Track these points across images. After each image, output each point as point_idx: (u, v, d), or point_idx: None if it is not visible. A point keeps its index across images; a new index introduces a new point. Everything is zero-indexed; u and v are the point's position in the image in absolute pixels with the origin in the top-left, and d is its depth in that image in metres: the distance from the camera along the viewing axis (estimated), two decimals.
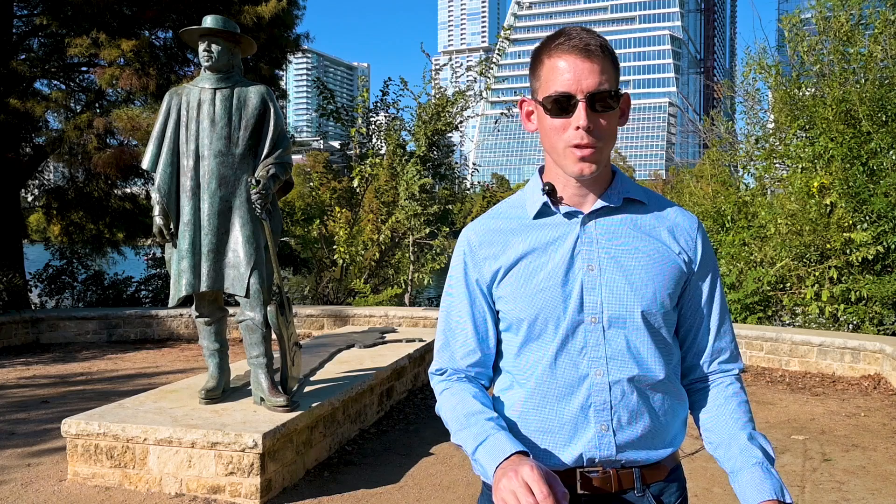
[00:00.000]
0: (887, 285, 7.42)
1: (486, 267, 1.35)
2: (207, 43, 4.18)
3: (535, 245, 1.32)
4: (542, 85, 1.29)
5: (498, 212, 1.42)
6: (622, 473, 1.30)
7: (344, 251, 10.78)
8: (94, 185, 11.39)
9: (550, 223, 1.34)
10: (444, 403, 1.37)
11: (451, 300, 1.42)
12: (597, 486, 1.29)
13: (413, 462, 4.41)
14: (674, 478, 1.37)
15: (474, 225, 1.41)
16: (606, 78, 1.25)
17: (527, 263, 1.31)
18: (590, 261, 1.30)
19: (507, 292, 1.32)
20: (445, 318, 1.42)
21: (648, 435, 1.31)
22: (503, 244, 1.34)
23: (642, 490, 1.31)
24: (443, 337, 1.43)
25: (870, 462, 4.44)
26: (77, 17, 9.62)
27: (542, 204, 1.34)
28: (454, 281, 1.41)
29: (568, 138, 1.26)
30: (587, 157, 1.26)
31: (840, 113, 8.39)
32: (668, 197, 13.25)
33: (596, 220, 1.33)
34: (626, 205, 1.35)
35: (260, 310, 4.15)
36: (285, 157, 4.23)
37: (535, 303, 1.29)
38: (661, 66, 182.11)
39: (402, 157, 11.44)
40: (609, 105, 1.26)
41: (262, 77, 10.19)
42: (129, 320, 8.98)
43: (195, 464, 3.77)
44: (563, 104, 1.25)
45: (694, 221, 1.40)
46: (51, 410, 5.56)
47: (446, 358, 1.41)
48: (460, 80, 12.10)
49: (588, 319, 1.28)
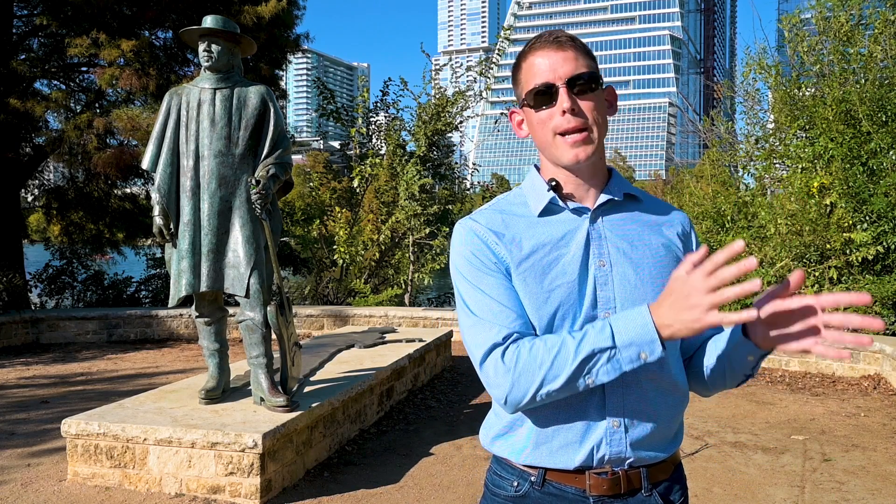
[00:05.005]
0: (887, 285, 7.42)
1: (503, 251, 1.29)
2: (207, 43, 4.18)
3: (545, 241, 1.30)
4: (523, 86, 1.31)
5: (499, 206, 1.37)
6: (631, 474, 1.29)
7: (344, 251, 10.79)
8: (94, 185, 11.40)
9: (558, 220, 1.32)
10: (532, 357, 1.19)
11: (472, 281, 1.28)
12: (607, 488, 1.28)
13: (413, 462, 4.41)
14: (677, 476, 1.38)
15: (477, 215, 1.35)
16: (583, 63, 1.27)
17: (539, 259, 1.29)
18: (601, 256, 1.30)
19: (522, 287, 1.28)
20: (477, 298, 1.27)
21: (657, 432, 1.30)
22: (512, 235, 1.30)
23: (650, 490, 1.31)
24: (479, 316, 1.26)
25: (870, 462, 4.44)
26: (77, 17, 9.62)
27: (549, 200, 1.32)
28: (470, 267, 1.29)
29: (555, 125, 1.27)
30: (579, 141, 1.26)
31: (840, 113, 8.38)
32: (668, 197, 13.25)
33: (602, 216, 1.33)
34: (626, 200, 1.36)
35: (260, 310, 4.15)
36: (285, 158, 4.23)
37: (552, 300, 1.27)
38: (661, 66, 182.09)
39: (402, 157, 11.45)
40: (590, 87, 1.27)
41: (262, 77, 10.19)
42: (129, 320, 8.98)
43: (195, 464, 3.77)
44: (544, 94, 1.27)
45: (686, 217, 1.43)
46: (51, 410, 5.56)
47: (498, 330, 1.23)
48: (460, 80, 12.12)
49: (602, 314, 1.27)
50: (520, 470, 1.33)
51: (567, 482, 1.29)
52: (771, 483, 4.08)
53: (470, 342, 1.27)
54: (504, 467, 1.36)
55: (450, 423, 5.25)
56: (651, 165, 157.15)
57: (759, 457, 4.54)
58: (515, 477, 1.33)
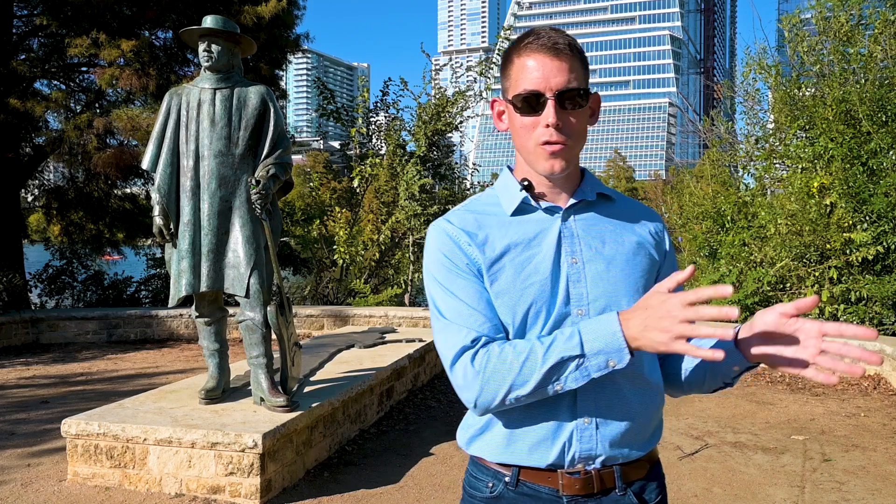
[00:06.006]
0: (887, 285, 7.41)
1: (475, 253, 1.30)
2: (207, 43, 4.18)
3: (518, 240, 1.31)
4: (512, 84, 1.30)
5: (472, 206, 1.38)
6: (604, 473, 1.29)
7: (344, 251, 10.78)
8: (94, 185, 11.40)
9: (530, 219, 1.33)
10: (500, 362, 1.20)
11: (444, 283, 1.30)
12: (579, 487, 1.28)
13: (413, 462, 4.41)
14: (654, 475, 1.37)
15: (450, 216, 1.36)
16: (575, 76, 1.26)
17: (511, 259, 1.30)
18: (573, 254, 1.31)
19: (494, 287, 1.29)
20: (447, 301, 1.28)
21: (632, 430, 1.31)
22: (485, 235, 1.31)
23: (624, 489, 1.31)
24: (449, 319, 1.27)
25: (870, 462, 4.44)
26: (77, 17, 9.62)
27: (521, 200, 1.33)
28: (442, 268, 1.30)
29: (538, 136, 1.27)
30: (557, 153, 1.26)
31: (840, 113, 8.38)
32: (669, 197, 13.25)
33: (574, 215, 1.34)
34: (599, 200, 1.37)
35: (260, 310, 4.15)
36: (285, 158, 4.23)
37: (525, 298, 1.28)
38: (661, 67, 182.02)
39: (402, 157, 11.45)
40: (578, 103, 1.27)
41: (262, 77, 10.19)
42: (129, 320, 8.98)
43: (195, 464, 3.77)
44: (532, 102, 1.26)
45: (659, 217, 1.44)
46: (51, 410, 5.56)
47: (466, 333, 1.25)
48: (460, 80, 12.11)
49: (575, 312, 1.28)
50: (494, 470, 1.33)
51: (540, 482, 1.30)
52: (771, 483, 4.08)
53: (440, 345, 1.29)
54: (479, 468, 1.36)
55: (450, 423, 5.25)
56: (651, 165, 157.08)
57: (759, 457, 4.54)
58: (490, 478, 1.34)
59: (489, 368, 1.21)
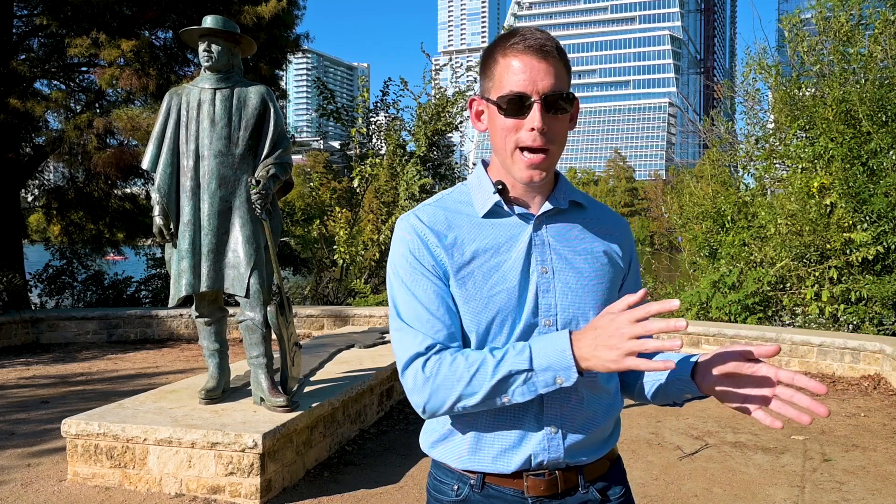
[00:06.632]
0: (887, 285, 7.42)
1: (442, 255, 1.27)
2: (207, 43, 4.18)
3: (488, 245, 1.29)
4: (495, 84, 1.27)
5: (444, 203, 1.34)
6: (568, 474, 1.31)
7: (344, 251, 10.79)
8: (94, 185, 11.40)
9: (502, 223, 1.31)
10: (451, 372, 1.20)
11: (406, 283, 1.28)
12: (544, 489, 1.30)
13: (413, 462, 4.41)
14: (615, 471, 1.40)
15: (420, 211, 1.32)
16: (561, 80, 1.24)
17: (480, 264, 1.27)
18: (543, 262, 1.29)
19: (461, 293, 1.27)
20: (408, 303, 1.27)
21: (594, 436, 1.33)
22: (454, 237, 1.28)
23: (586, 487, 1.33)
24: (407, 322, 1.26)
25: (870, 462, 4.44)
26: (77, 17, 9.62)
27: (494, 203, 1.31)
28: (408, 266, 1.28)
29: (520, 139, 1.25)
30: (537, 164, 1.25)
31: (840, 113, 8.39)
32: (669, 197, 13.25)
33: (546, 223, 1.32)
34: (571, 207, 1.36)
35: (260, 310, 4.15)
36: (285, 158, 4.23)
37: (491, 305, 1.26)
38: (661, 67, 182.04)
39: (402, 157, 11.45)
40: (563, 107, 1.25)
41: (262, 77, 10.19)
42: (129, 320, 8.98)
43: (195, 464, 3.77)
44: (517, 104, 1.23)
45: (625, 222, 1.44)
46: (51, 410, 5.56)
47: (422, 339, 1.24)
48: (460, 80, 12.12)
49: (543, 322, 1.28)
50: (459, 474, 1.34)
51: (506, 484, 1.30)
52: (771, 483, 4.08)
53: (395, 345, 1.28)
54: (444, 472, 1.36)
55: None
56: (651, 165, 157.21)
57: (759, 457, 4.54)
58: (455, 481, 1.34)
59: (440, 376, 1.21)
